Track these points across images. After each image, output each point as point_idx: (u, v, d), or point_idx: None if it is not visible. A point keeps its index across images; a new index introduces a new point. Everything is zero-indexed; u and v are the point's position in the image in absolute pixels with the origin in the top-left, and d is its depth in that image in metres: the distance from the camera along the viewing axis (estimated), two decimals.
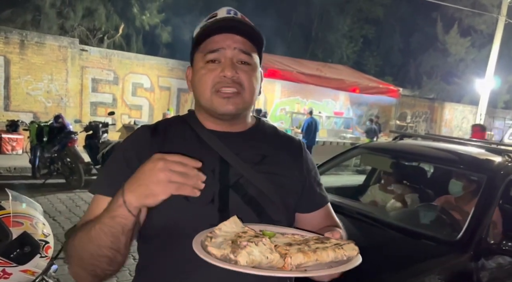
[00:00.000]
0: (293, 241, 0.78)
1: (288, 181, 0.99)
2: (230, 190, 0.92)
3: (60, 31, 10.34)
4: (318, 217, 1.07)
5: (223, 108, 0.93)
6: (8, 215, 1.54)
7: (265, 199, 0.94)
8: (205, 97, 0.94)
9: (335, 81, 10.63)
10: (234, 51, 0.93)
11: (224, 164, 0.93)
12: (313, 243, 0.76)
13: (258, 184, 0.94)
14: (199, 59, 0.95)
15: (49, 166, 6.42)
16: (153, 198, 0.72)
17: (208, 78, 0.93)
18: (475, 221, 2.26)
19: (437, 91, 17.99)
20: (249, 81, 0.94)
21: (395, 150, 3.22)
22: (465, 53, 17.64)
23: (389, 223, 2.49)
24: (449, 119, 17.25)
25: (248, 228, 0.79)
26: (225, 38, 0.93)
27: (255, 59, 0.97)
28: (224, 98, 0.92)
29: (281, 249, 0.71)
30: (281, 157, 1.02)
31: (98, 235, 0.77)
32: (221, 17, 0.95)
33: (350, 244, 0.76)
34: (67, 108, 9.03)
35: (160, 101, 10.42)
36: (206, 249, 0.71)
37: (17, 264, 1.49)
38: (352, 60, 17.73)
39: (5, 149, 8.12)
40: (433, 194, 3.12)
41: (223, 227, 0.78)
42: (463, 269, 2.10)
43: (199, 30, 0.95)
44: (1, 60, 8.28)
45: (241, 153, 0.96)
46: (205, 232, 0.78)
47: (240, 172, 0.94)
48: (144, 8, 11.71)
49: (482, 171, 2.63)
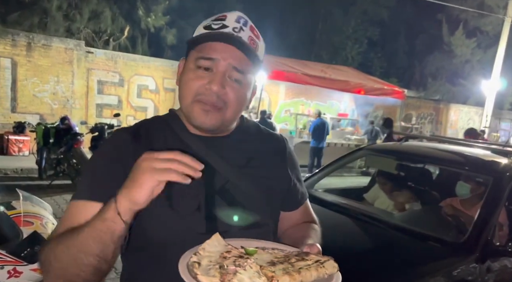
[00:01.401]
0: (275, 258, 0.78)
1: (274, 182, 0.98)
2: (216, 196, 0.89)
3: (66, 33, 10.42)
4: (298, 214, 1.08)
5: (199, 120, 0.89)
6: (19, 214, 1.56)
7: (252, 203, 0.92)
8: (185, 102, 0.91)
9: (340, 83, 10.61)
10: (228, 66, 0.88)
11: (209, 169, 0.88)
12: (294, 261, 0.76)
13: (245, 188, 0.92)
14: (192, 59, 0.90)
15: (56, 167, 6.47)
16: (138, 189, 0.70)
17: (194, 85, 0.88)
18: (481, 223, 2.25)
19: (442, 93, 17.91)
20: (234, 100, 0.89)
21: (400, 151, 3.21)
22: (470, 54, 17.55)
23: (395, 224, 2.49)
24: (454, 121, 17.16)
25: (230, 246, 0.79)
26: (224, 49, 0.87)
27: (248, 77, 0.92)
28: (203, 111, 0.88)
29: (266, 271, 0.71)
30: (267, 157, 1.00)
31: (86, 241, 0.73)
32: (227, 25, 0.89)
33: (330, 261, 0.77)
34: (73, 110, 9.10)
35: (165, 103, 10.47)
36: (196, 278, 0.69)
37: (27, 262, 1.52)
38: (357, 62, 17.69)
39: (12, 150, 8.19)
40: (439, 196, 3.12)
41: (206, 247, 0.77)
42: (469, 271, 2.09)
43: (202, 31, 0.91)
44: (8, 62, 8.37)
45: (226, 156, 0.93)
46: (189, 253, 0.76)
47: (226, 176, 0.91)
48: (149, 10, 11.77)
49: (488, 172, 2.62)
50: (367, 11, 17.84)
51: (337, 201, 2.86)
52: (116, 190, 0.76)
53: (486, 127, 13.14)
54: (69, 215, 0.83)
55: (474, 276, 2.08)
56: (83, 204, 0.83)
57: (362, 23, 18.03)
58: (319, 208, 2.62)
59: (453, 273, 2.03)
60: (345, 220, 2.51)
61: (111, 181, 0.80)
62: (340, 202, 2.84)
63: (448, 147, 3.21)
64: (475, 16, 16.44)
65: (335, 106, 13.48)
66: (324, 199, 2.87)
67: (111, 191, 0.76)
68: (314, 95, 12.57)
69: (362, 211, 2.66)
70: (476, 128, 8.62)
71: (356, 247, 2.14)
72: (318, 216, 1.13)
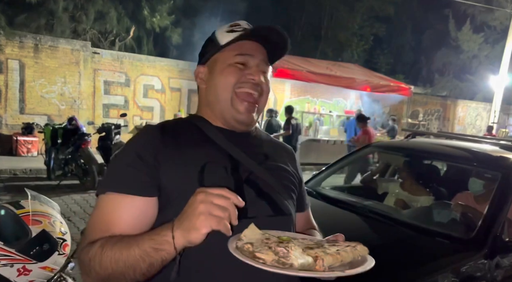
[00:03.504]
0: (309, 245, 0.81)
1: (290, 177, 1.07)
2: (244, 185, 0.95)
3: (72, 34, 10.50)
4: (303, 218, 1.15)
5: (243, 116, 0.98)
6: (28, 213, 1.58)
7: (276, 193, 0.99)
8: (222, 98, 0.98)
9: (346, 80, 10.56)
10: (261, 60, 0.99)
11: (233, 161, 0.96)
12: (328, 246, 0.81)
13: (268, 179, 0.98)
14: (226, 58, 0.98)
15: (64, 168, 6.53)
16: (195, 233, 0.72)
17: (232, 78, 0.97)
18: (490, 219, 2.24)
19: (449, 89, 17.74)
20: (267, 88, 1.01)
21: (408, 148, 3.20)
22: (478, 49, 17.34)
23: (403, 221, 2.48)
24: (462, 117, 17.00)
25: (268, 234, 0.83)
26: (254, 46, 0.99)
27: (270, 71, 1.04)
28: (245, 108, 0.98)
29: (309, 252, 0.75)
30: (280, 158, 1.09)
31: (137, 262, 0.76)
32: (247, 28, 1.00)
33: (360, 245, 0.83)
34: (80, 111, 9.18)
35: (171, 102, 10.51)
36: (252, 254, 0.74)
37: (36, 261, 1.53)
38: (363, 59, 17.59)
39: (20, 151, 8.29)
40: (447, 192, 3.09)
41: (247, 234, 0.81)
42: (478, 267, 2.08)
43: (227, 34, 0.99)
44: (16, 64, 8.46)
45: (248, 151, 0.99)
46: (233, 239, 0.80)
47: (250, 168, 0.97)
48: (154, 10, 11.81)
49: (497, 168, 2.61)
50: (373, 7, 17.69)
51: (346, 199, 2.85)
52: (149, 179, 0.85)
53: (495, 123, 13.00)
54: (105, 209, 0.86)
55: (483, 272, 2.06)
56: (119, 198, 0.85)
57: (368, 19, 17.90)
58: (327, 205, 2.61)
59: (462, 269, 2.02)
60: (353, 216, 2.50)
61: (144, 171, 0.87)
62: (349, 199, 2.84)
63: (455, 143, 3.18)
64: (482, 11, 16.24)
65: (341, 104, 13.43)
66: (332, 196, 2.87)
67: (145, 181, 0.85)
68: (320, 93, 12.53)
69: (371, 208, 2.65)
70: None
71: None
72: (326, 213, 1.16)
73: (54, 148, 6.58)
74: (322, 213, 2.24)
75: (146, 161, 0.88)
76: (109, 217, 0.84)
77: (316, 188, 3.00)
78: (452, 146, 3.02)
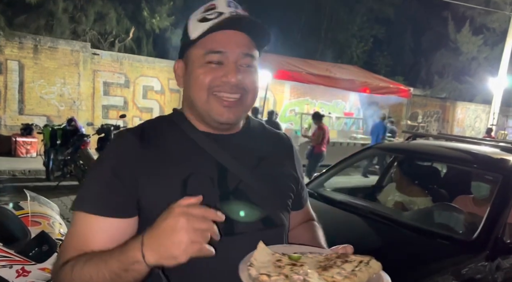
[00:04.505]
0: (320, 263, 0.78)
1: (286, 182, 0.98)
2: (231, 196, 0.87)
3: (72, 35, 10.48)
4: (302, 213, 1.09)
5: (223, 118, 0.86)
6: (27, 214, 1.57)
7: (267, 204, 0.91)
8: (201, 99, 0.86)
9: (345, 82, 10.56)
10: (237, 54, 0.85)
11: (221, 169, 0.87)
12: (341, 263, 0.77)
13: (258, 188, 0.90)
14: (197, 57, 0.86)
15: (63, 169, 6.52)
16: (173, 260, 0.66)
17: (206, 78, 0.84)
18: (491, 221, 2.25)
19: (449, 91, 17.74)
20: (251, 84, 0.88)
21: (409, 150, 3.20)
22: (477, 51, 17.36)
23: (404, 222, 2.48)
24: (461, 119, 17.02)
25: (278, 254, 0.79)
26: (229, 38, 0.84)
27: (256, 59, 0.89)
28: (225, 107, 0.86)
29: (326, 277, 0.72)
30: (276, 157, 0.99)
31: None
32: (222, 11, 0.85)
33: (373, 260, 0.79)
34: (80, 112, 9.17)
35: (170, 103, 10.50)
36: None
37: (35, 262, 1.53)
38: (362, 60, 17.61)
39: (19, 152, 8.27)
40: (448, 194, 3.09)
41: (257, 257, 0.76)
42: (479, 269, 2.08)
43: (197, 23, 0.86)
44: (16, 65, 8.45)
45: (237, 156, 0.90)
46: (244, 265, 0.74)
47: (239, 176, 0.88)
48: (154, 12, 11.80)
49: (498, 170, 2.61)
50: (372, 9, 17.73)
51: (347, 200, 2.85)
52: (124, 199, 0.78)
53: (494, 125, 13.02)
54: (78, 229, 0.80)
55: (485, 274, 2.07)
56: (92, 219, 0.79)
57: (367, 21, 17.93)
58: (328, 207, 2.61)
59: (464, 271, 2.02)
60: (355, 218, 2.50)
61: (119, 190, 0.80)
62: (350, 201, 2.83)
63: (456, 145, 3.19)
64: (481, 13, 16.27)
65: (341, 105, 13.44)
66: (333, 198, 2.86)
67: (120, 201, 0.78)
68: (319, 94, 12.54)
69: (372, 210, 2.65)
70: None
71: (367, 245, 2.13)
72: (328, 214, 1.14)
73: (53, 148, 6.58)
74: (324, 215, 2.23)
75: (123, 178, 0.81)
76: (84, 237, 0.79)
77: (318, 190, 2.99)
78: (453, 148, 3.03)
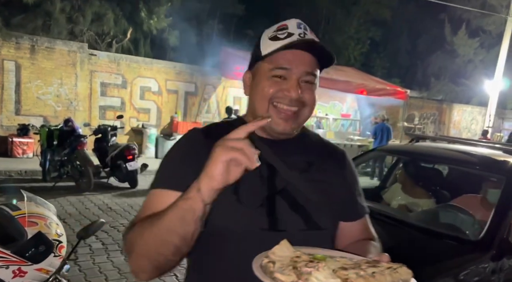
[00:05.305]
0: (345, 265, 0.76)
1: (334, 189, 1.01)
2: (277, 196, 0.93)
3: (69, 36, 10.46)
4: (357, 228, 1.07)
5: (280, 128, 0.95)
6: (24, 215, 1.58)
7: (313, 206, 0.95)
8: (262, 108, 0.96)
9: (342, 83, 10.58)
10: (301, 72, 0.94)
11: (271, 170, 0.94)
12: (366, 267, 0.74)
13: (306, 191, 0.95)
14: (265, 70, 0.96)
15: (59, 169, 6.51)
16: (214, 164, 0.72)
17: (270, 90, 0.94)
18: (496, 221, 2.29)
19: (445, 93, 17.83)
20: (310, 99, 0.97)
21: (413, 152, 3.24)
22: (473, 54, 17.47)
23: (411, 223, 2.51)
24: (457, 121, 17.10)
25: (299, 252, 0.80)
26: (295, 57, 0.94)
27: (317, 77, 0.99)
28: (282, 119, 0.94)
29: (340, 274, 0.71)
30: (327, 164, 1.04)
31: (170, 220, 0.78)
32: (291, 33, 0.94)
33: (403, 268, 0.75)
34: (77, 112, 9.15)
35: (167, 104, 10.50)
36: (272, 274, 0.71)
37: (32, 262, 1.53)
38: (359, 62, 17.66)
39: (16, 153, 8.25)
40: (450, 196, 3.13)
41: (276, 251, 0.78)
42: (485, 268, 2.12)
43: (268, 41, 0.96)
44: (13, 65, 8.43)
45: (289, 160, 0.97)
46: (260, 256, 0.78)
47: (287, 179, 0.95)
48: (151, 13, 11.80)
49: (502, 172, 2.66)
50: (369, 11, 17.79)
51: None
52: (191, 179, 0.81)
53: (490, 127, 13.09)
54: (149, 202, 0.92)
55: (490, 274, 2.11)
56: (162, 193, 0.90)
57: (364, 23, 17.99)
58: None
59: (470, 270, 2.07)
60: None
61: (187, 171, 0.87)
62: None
63: (460, 147, 3.24)
64: (477, 16, 16.37)
65: (338, 107, 13.47)
66: None
67: (187, 180, 0.81)
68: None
69: (378, 211, 2.66)
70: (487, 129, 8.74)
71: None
72: None
73: (50, 149, 6.56)
74: None
75: (189, 163, 0.91)
76: (154, 207, 0.88)
77: None
78: (458, 150, 3.07)
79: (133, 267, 0.86)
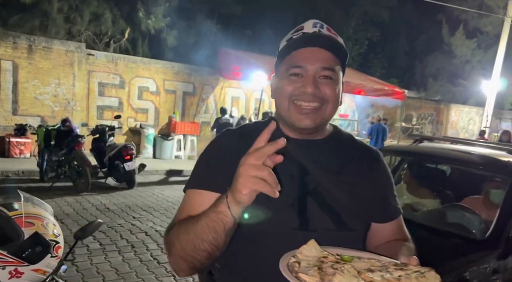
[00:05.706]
0: (372, 267, 0.76)
1: (365, 191, 1.01)
2: (308, 196, 0.95)
3: (67, 36, 10.43)
4: (390, 229, 1.08)
5: (301, 123, 0.96)
6: (20, 215, 1.57)
7: (343, 207, 0.96)
8: (283, 107, 0.98)
9: None
10: (316, 68, 0.95)
11: (302, 170, 0.96)
12: (393, 270, 0.74)
13: (336, 192, 0.96)
14: (283, 72, 0.99)
15: (57, 169, 6.49)
16: (240, 194, 0.74)
17: (288, 89, 0.96)
18: (502, 220, 2.33)
19: (443, 93, 17.88)
20: (331, 94, 0.96)
21: (417, 152, 3.26)
22: (471, 54, 17.52)
23: (418, 222, 2.53)
24: (455, 121, 17.15)
25: (327, 252, 0.80)
26: (309, 54, 0.95)
27: (337, 72, 0.99)
28: (303, 114, 0.96)
29: (365, 276, 0.71)
30: (359, 166, 1.04)
31: (202, 229, 0.81)
32: (306, 32, 0.96)
33: (431, 272, 0.74)
34: (74, 112, 9.13)
35: (165, 104, 10.49)
36: (296, 274, 0.72)
37: (28, 263, 1.52)
38: (357, 63, 17.68)
39: (13, 153, 8.22)
40: (454, 196, 3.14)
41: (303, 251, 0.79)
42: (492, 267, 2.16)
43: (285, 43, 0.99)
44: (10, 65, 8.40)
45: (320, 161, 0.99)
46: (287, 255, 0.79)
47: (318, 180, 0.96)
48: (149, 12, 11.78)
49: (507, 172, 2.69)
50: (367, 12, 17.83)
51: None
52: (224, 180, 0.84)
53: (487, 127, 13.13)
54: (186, 203, 0.97)
55: (497, 272, 2.15)
56: (197, 193, 0.95)
57: (362, 23, 18.03)
58: None
59: (477, 269, 2.11)
60: None
61: (220, 173, 0.91)
62: None
63: (464, 147, 3.27)
64: (475, 17, 16.43)
65: None
66: None
67: (220, 181, 0.86)
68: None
69: None
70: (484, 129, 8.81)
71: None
72: None
73: (47, 149, 6.54)
74: None
75: (222, 163, 0.94)
76: (191, 208, 0.93)
77: None
78: (462, 151, 3.09)
79: (172, 266, 0.92)
